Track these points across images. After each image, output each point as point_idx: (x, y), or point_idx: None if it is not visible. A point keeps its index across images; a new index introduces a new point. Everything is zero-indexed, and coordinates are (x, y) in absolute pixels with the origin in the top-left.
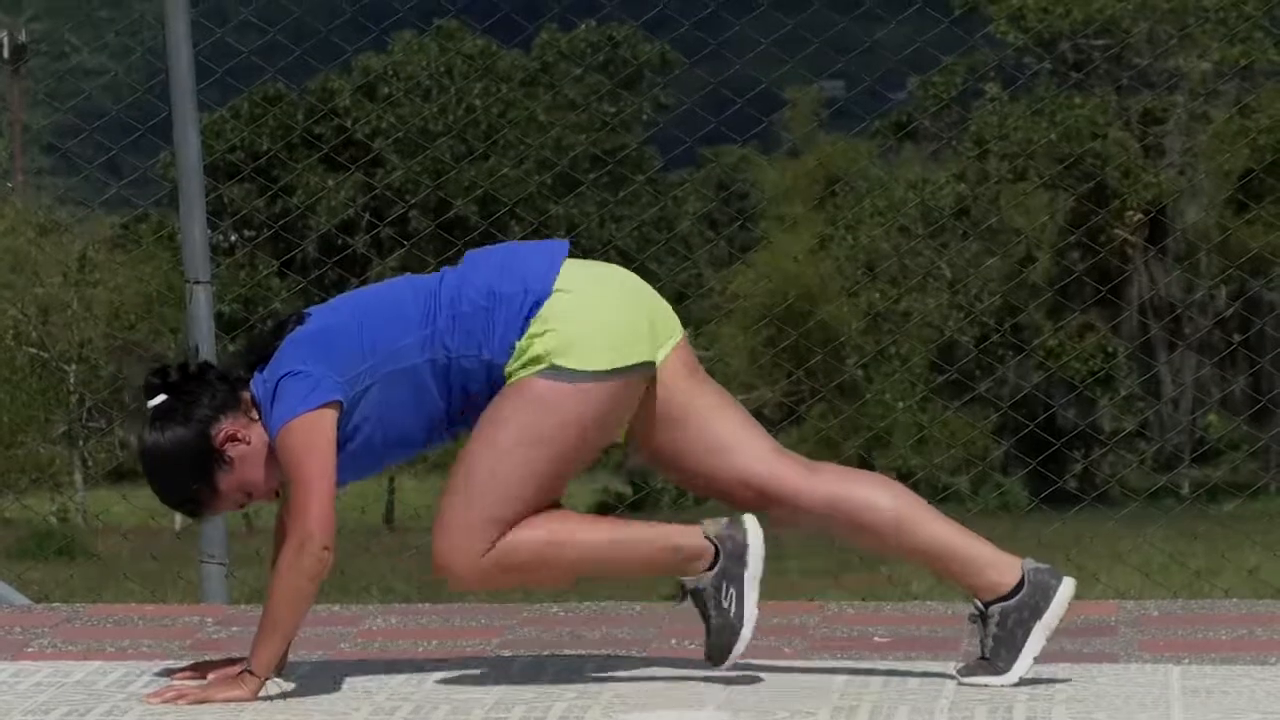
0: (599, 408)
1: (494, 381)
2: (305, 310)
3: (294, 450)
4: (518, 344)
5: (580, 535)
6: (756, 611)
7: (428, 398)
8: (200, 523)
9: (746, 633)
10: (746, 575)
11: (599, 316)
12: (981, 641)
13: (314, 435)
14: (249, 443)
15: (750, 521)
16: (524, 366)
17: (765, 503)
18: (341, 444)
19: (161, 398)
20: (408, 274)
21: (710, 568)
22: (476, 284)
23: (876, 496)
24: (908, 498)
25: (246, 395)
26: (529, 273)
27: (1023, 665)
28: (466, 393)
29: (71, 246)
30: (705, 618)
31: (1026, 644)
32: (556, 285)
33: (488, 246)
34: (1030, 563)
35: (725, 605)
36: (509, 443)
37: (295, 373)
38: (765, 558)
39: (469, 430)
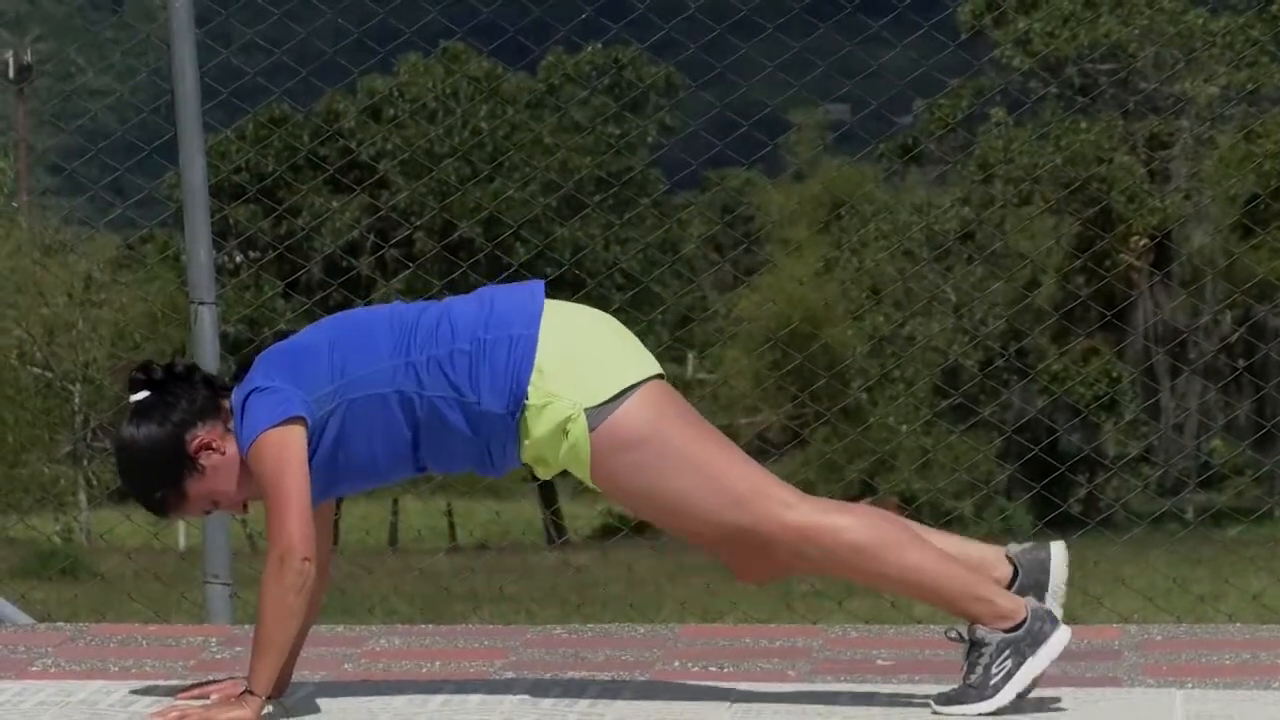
0: (662, 403)
1: (483, 426)
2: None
3: (268, 466)
4: (528, 402)
5: (907, 553)
6: (1011, 700)
7: (394, 429)
8: (194, 527)
9: (986, 708)
10: (1030, 663)
11: (595, 347)
12: (969, 667)
13: (286, 450)
14: (223, 453)
15: (1065, 628)
16: (558, 430)
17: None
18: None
19: (144, 394)
20: (392, 303)
21: (1008, 630)
22: (457, 328)
23: (851, 522)
24: (889, 526)
25: (227, 404)
26: (513, 317)
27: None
28: (445, 434)
29: (76, 267)
30: (969, 668)
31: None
32: (542, 329)
33: (464, 295)
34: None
35: (993, 671)
36: (676, 474)
37: (263, 389)
38: (1056, 660)
39: (442, 472)
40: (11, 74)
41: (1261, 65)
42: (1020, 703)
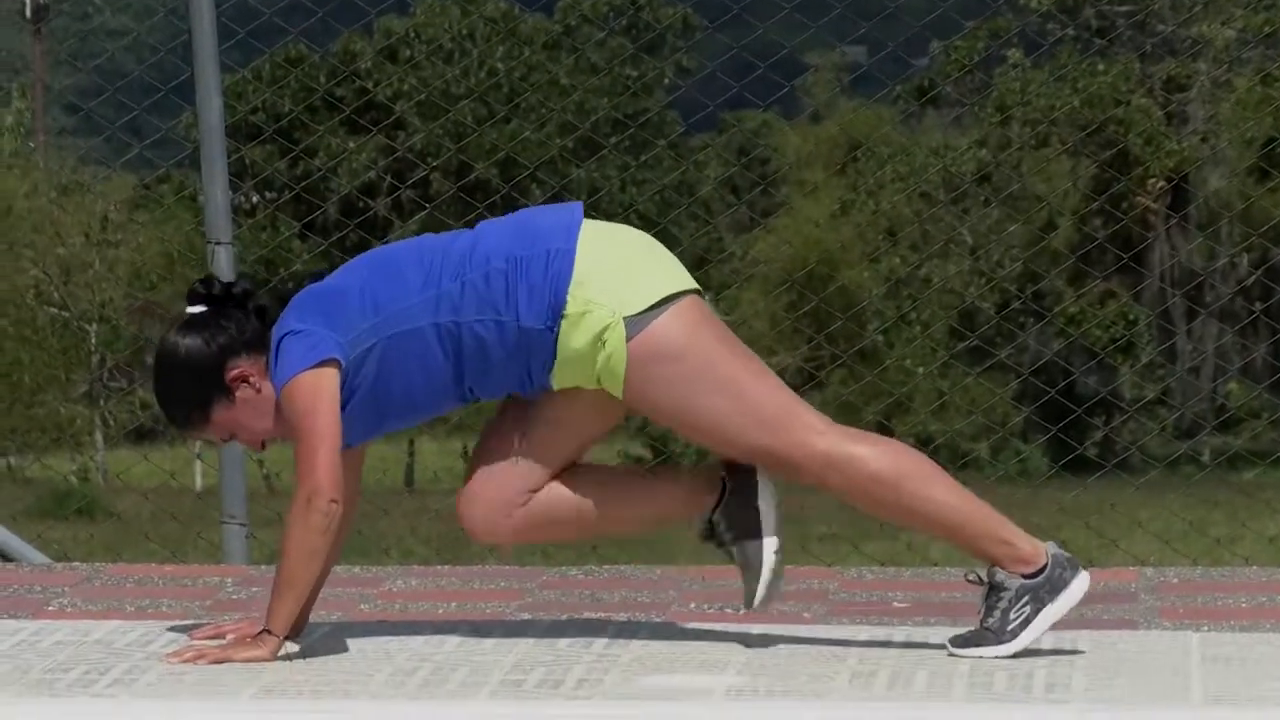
0: (700, 319)
1: (522, 345)
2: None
3: (299, 407)
4: (566, 312)
5: (932, 489)
6: (1024, 646)
7: (433, 362)
8: (211, 467)
9: (1002, 651)
10: (1048, 610)
11: (633, 260)
12: (987, 610)
13: (318, 392)
14: (258, 390)
15: (1085, 574)
16: (595, 341)
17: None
18: (343, 404)
19: (200, 308)
20: (420, 235)
21: (1028, 575)
22: (492, 249)
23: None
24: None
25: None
26: (549, 233)
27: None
28: (486, 358)
29: (93, 207)
30: (987, 611)
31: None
32: (579, 243)
33: (498, 218)
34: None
35: (1011, 616)
36: (708, 391)
37: (296, 331)
38: (1075, 607)
39: (489, 398)
40: (29, 13)
41: (1279, 8)
42: (1036, 646)
